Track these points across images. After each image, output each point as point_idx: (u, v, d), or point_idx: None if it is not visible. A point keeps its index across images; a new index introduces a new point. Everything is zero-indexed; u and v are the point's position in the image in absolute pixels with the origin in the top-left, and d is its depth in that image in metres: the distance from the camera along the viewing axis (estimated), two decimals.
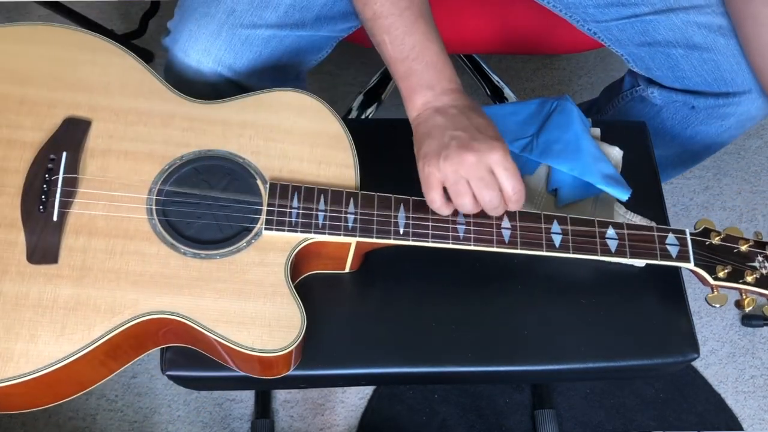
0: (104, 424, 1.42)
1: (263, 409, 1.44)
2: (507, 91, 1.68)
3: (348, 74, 1.78)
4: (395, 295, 0.95)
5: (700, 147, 1.18)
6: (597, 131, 1.07)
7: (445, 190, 0.84)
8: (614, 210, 1.01)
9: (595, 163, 1.00)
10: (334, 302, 0.94)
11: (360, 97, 1.65)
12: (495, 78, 1.69)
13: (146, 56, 1.73)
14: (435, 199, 0.84)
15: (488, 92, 1.69)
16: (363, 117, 1.64)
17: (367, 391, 1.48)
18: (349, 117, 1.63)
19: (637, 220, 1.01)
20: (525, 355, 0.93)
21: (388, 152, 1.04)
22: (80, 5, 1.68)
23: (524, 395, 1.48)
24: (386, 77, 1.67)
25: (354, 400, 1.47)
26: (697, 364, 1.54)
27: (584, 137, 1.02)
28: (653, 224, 0.99)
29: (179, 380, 0.93)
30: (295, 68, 1.11)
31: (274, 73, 1.07)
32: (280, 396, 1.46)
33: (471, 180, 0.81)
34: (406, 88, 0.87)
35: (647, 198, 1.03)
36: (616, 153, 1.05)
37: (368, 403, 1.47)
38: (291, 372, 0.90)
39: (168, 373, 0.90)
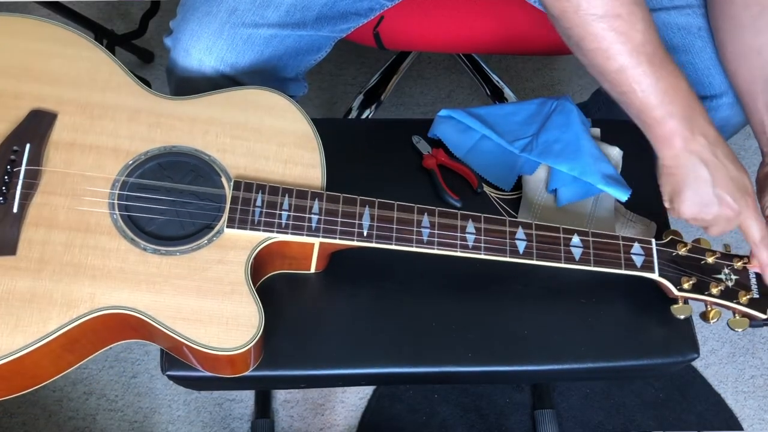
0: (104, 424, 1.43)
1: (263, 409, 1.45)
2: (507, 91, 1.68)
3: (348, 74, 1.78)
4: (396, 296, 0.94)
5: None
6: (597, 131, 1.06)
7: None
8: (614, 210, 1.00)
9: (595, 163, 0.99)
10: (335, 302, 0.94)
11: (360, 97, 1.65)
12: (495, 78, 1.68)
13: (146, 56, 1.74)
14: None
15: (488, 92, 1.68)
16: (363, 117, 1.63)
17: (367, 391, 1.48)
18: (349, 117, 1.62)
19: (637, 220, 1.01)
20: (525, 355, 0.93)
21: (392, 152, 1.05)
22: (80, 5, 1.69)
23: (524, 395, 1.48)
24: (386, 77, 1.67)
25: (354, 400, 1.47)
26: (697, 364, 1.54)
27: (584, 137, 1.01)
28: (653, 225, 1.00)
29: (179, 380, 0.93)
30: (294, 68, 1.11)
31: (274, 73, 1.07)
32: (280, 396, 1.46)
33: (718, 225, 0.89)
34: (663, 132, 0.86)
35: (647, 198, 1.02)
36: (616, 153, 1.05)
37: (368, 403, 1.47)
38: (291, 372, 0.90)
39: (168, 373, 0.90)
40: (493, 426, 1.44)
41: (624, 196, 0.98)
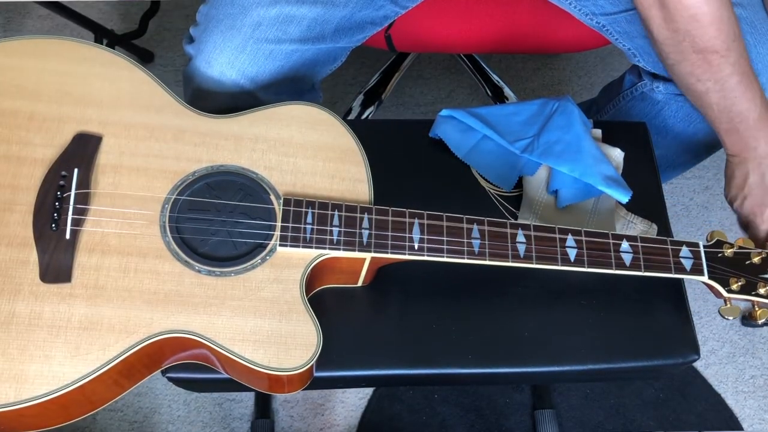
0: (104, 424, 1.42)
1: (263, 409, 1.44)
2: (507, 91, 1.68)
3: (348, 74, 1.77)
4: (395, 298, 0.94)
5: (701, 145, 1.18)
6: (598, 132, 1.06)
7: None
8: (615, 212, 1.01)
9: (596, 164, 1.00)
10: (335, 305, 0.94)
11: (360, 97, 1.65)
12: (495, 78, 1.68)
13: (146, 56, 1.72)
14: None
15: (488, 92, 1.69)
16: (363, 117, 1.63)
17: (367, 391, 1.48)
18: (349, 117, 1.62)
19: (638, 222, 1.01)
20: (525, 356, 0.93)
21: (394, 153, 1.04)
22: (80, 5, 1.67)
23: (524, 395, 1.48)
24: (386, 77, 1.67)
25: (354, 400, 1.47)
26: (697, 364, 1.55)
27: (585, 138, 1.02)
28: (654, 226, 1.00)
29: (179, 382, 0.92)
30: (311, 79, 1.11)
31: (292, 84, 1.07)
32: (280, 396, 1.46)
33: None
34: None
35: (648, 199, 1.03)
36: (617, 154, 1.05)
37: (368, 403, 1.47)
38: None
39: (168, 375, 0.90)
40: (493, 426, 1.45)
41: (624, 198, 0.99)
